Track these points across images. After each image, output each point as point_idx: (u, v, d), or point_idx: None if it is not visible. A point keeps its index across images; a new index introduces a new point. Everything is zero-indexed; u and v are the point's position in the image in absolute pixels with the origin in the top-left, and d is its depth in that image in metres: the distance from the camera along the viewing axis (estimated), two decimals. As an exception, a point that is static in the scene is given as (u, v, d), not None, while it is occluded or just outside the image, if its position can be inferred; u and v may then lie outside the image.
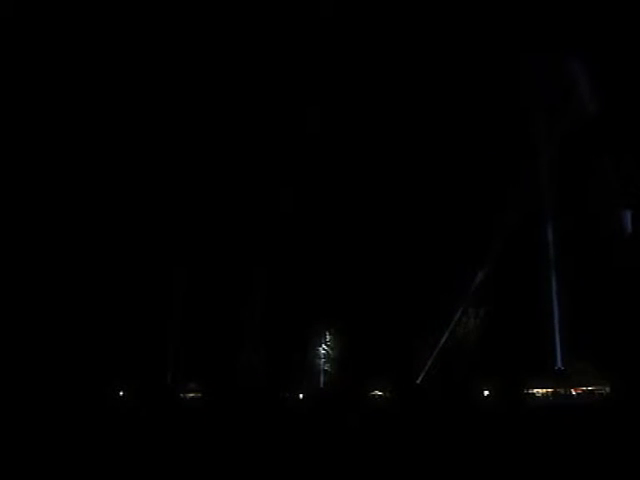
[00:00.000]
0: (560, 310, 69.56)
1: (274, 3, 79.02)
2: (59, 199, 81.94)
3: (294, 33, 77.91)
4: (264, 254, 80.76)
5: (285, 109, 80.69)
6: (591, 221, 69.17)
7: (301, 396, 79.59)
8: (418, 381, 74.40)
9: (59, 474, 34.97)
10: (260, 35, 79.93)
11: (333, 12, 76.64)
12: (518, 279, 71.59)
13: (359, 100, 78.52)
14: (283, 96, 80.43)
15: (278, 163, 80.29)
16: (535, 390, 71.87)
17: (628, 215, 68.97)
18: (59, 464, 37.09)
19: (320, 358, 79.38)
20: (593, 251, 67.57)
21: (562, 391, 70.36)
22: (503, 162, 73.25)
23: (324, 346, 79.47)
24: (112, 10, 78.45)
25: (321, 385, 79.22)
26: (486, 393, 72.31)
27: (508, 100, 73.10)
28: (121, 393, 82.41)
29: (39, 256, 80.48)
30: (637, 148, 69.10)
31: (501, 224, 72.75)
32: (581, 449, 38.05)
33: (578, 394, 69.41)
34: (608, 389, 68.11)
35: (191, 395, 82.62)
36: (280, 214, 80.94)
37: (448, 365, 72.86)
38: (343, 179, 79.28)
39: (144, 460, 38.51)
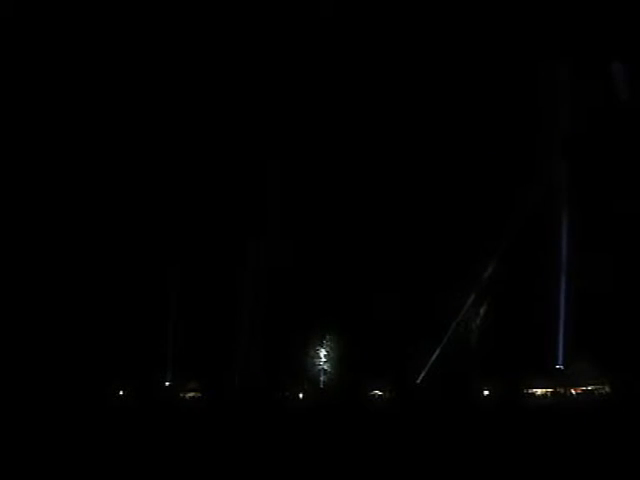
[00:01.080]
0: (565, 310, 69.47)
1: (274, 3, 78.98)
2: (55, 198, 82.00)
3: (294, 33, 77.91)
4: (265, 254, 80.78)
5: (284, 108, 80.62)
6: (602, 220, 69.14)
7: (301, 396, 79.54)
8: (418, 381, 74.33)
9: (59, 473, 35.00)
10: (259, 34, 79.89)
11: (333, 12, 76.66)
12: (519, 279, 71.60)
13: (374, 97, 78.38)
14: (282, 95, 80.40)
15: (279, 162, 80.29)
16: (535, 390, 71.81)
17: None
18: (59, 463, 37.13)
19: (320, 358, 79.29)
20: (602, 251, 67.50)
21: (562, 391, 70.31)
22: (513, 161, 73.30)
23: (324, 346, 79.37)
24: (112, 10, 78.44)
25: (321, 385, 79.15)
26: (486, 393, 72.25)
27: (527, 97, 73.08)
28: (121, 393, 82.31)
29: (37, 256, 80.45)
30: None
31: (506, 223, 72.84)
32: (581, 449, 38.08)
33: (578, 394, 69.36)
34: (608, 389, 68.09)
35: (191, 395, 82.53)
36: (280, 213, 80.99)
37: (448, 365, 72.79)
38: (344, 176, 79.19)
39: (144, 459, 38.55)
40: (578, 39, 70.28)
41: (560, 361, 69.88)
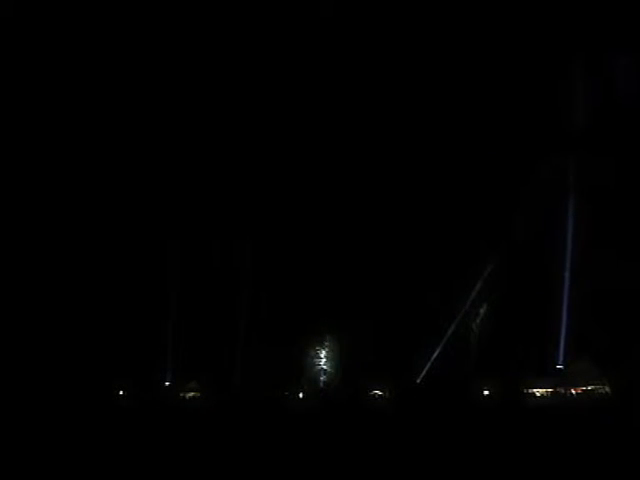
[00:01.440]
0: (566, 310, 69.52)
1: (274, 3, 79.02)
2: (55, 196, 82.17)
3: (294, 33, 77.95)
4: (265, 254, 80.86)
5: (283, 107, 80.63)
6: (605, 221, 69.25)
7: (301, 396, 79.59)
8: (418, 381, 74.39)
9: (59, 473, 34.97)
10: (259, 34, 79.93)
11: (333, 12, 76.67)
12: (520, 279, 71.68)
13: (379, 97, 78.43)
14: (282, 95, 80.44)
15: (280, 163, 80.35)
16: (535, 390, 71.88)
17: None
18: (59, 463, 37.11)
19: (320, 358, 79.33)
20: (604, 252, 67.58)
21: (562, 391, 70.37)
22: (514, 161, 73.34)
23: (324, 346, 79.40)
24: (112, 10, 78.50)
25: (321, 385, 79.19)
26: (486, 393, 72.30)
27: (532, 95, 73.12)
28: (121, 392, 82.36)
29: (37, 255, 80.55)
30: None
31: (507, 223, 73.00)
32: (581, 448, 38.06)
33: (578, 394, 69.41)
34: (608, 389, 68.15)
35: (191, 394, 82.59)
36: (282, 213, 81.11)
37: (448, 365, 72.83)
38: (345, 175, 79.20)
39: (144, 459, 38.53)
40: (583, 37, 70.39)
41: (560, 361, 69.97)
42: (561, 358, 69.75)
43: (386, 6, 76.92)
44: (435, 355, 73.60)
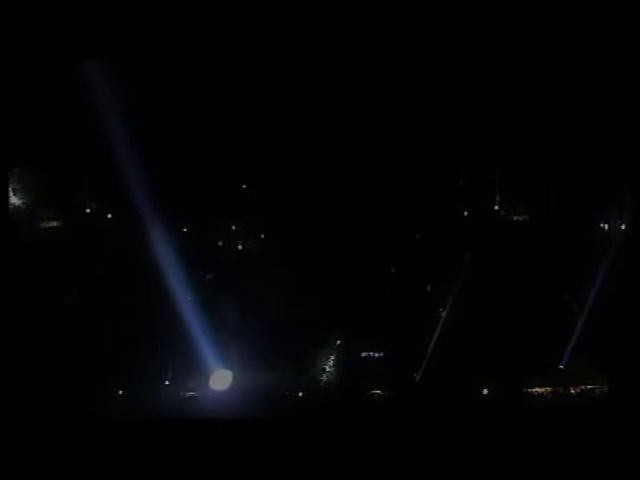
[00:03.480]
0: (569, 309, 69.85)
1: (274, 3, 79.14)
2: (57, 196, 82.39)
3: (294, 33, 78.08)
4: (265, 253, 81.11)
5: (282, 109, 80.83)
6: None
7: (301, 395, 79.64)
8: (417, 379, 74.60)
9: (58, 474, 35.05)
10: (259, 34, 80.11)
11: (333, 12, 76.80)
12: (520, 275, 72.00)
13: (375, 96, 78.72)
14: (281, 96, 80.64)
15: (280, 164, 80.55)
16: (534, 389, 72.03)
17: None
18: (58, 464, 37.19)
19: (320, 357, 79.43)
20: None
21: (561, 390, 70.53)
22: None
23: (325, 345, 79.51)
24: (112, 10, 78.62)
25: (321, 384, 79.21)
26: (485, 392, 72.42)
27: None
28: (120, 392, 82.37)
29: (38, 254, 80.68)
30: None
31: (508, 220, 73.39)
32: (581, 449, 38.16)
33: (578, 394, 69.55)
34: (607, 388, 68.32)
35: (190, 394, 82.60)
36: (278, 211, 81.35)
37: (448, 363, 73.02)
38: (343, 173, 79.38)
39: (143, 459, 38.64)
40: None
41: (560, 361, 70.22)
42: (561, 358, 70.01)
43: (386, 6, 77.11)
44: (434, 354, 73.82)
